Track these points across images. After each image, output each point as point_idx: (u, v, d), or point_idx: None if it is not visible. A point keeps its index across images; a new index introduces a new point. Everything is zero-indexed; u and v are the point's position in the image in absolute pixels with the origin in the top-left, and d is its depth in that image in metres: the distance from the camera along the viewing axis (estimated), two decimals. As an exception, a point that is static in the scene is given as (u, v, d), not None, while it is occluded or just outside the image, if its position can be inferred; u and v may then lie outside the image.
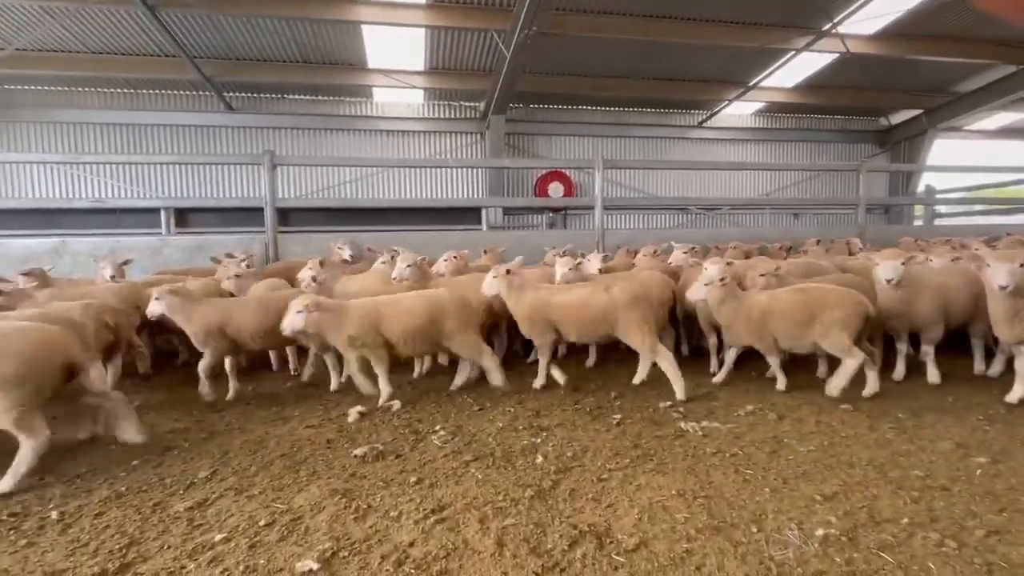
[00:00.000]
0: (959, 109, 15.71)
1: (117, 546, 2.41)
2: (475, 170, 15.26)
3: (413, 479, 2.98)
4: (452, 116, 15.23)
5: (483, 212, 10.69)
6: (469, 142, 15.24)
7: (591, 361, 5.52)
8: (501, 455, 3.28)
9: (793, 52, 11.99)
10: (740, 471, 2.98)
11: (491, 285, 4.72)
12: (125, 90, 13.50)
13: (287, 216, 10.25)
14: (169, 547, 2.40)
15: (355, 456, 3.31)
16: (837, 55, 12.09)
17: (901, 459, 3.11)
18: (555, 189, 14.86)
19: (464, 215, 11.00)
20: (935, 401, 4.12)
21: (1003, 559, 2.14)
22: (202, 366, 4.49)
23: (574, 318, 4.53)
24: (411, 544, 2.36)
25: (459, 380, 4.74)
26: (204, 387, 4.51)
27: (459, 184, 15.36)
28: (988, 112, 16.51)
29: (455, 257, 5.79)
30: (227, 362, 4.66)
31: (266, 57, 11.73)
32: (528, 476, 2.98)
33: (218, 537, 2.45)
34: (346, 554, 2.30)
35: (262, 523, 2.56)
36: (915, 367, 4.93)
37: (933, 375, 4.53)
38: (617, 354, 5.63)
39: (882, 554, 2.19)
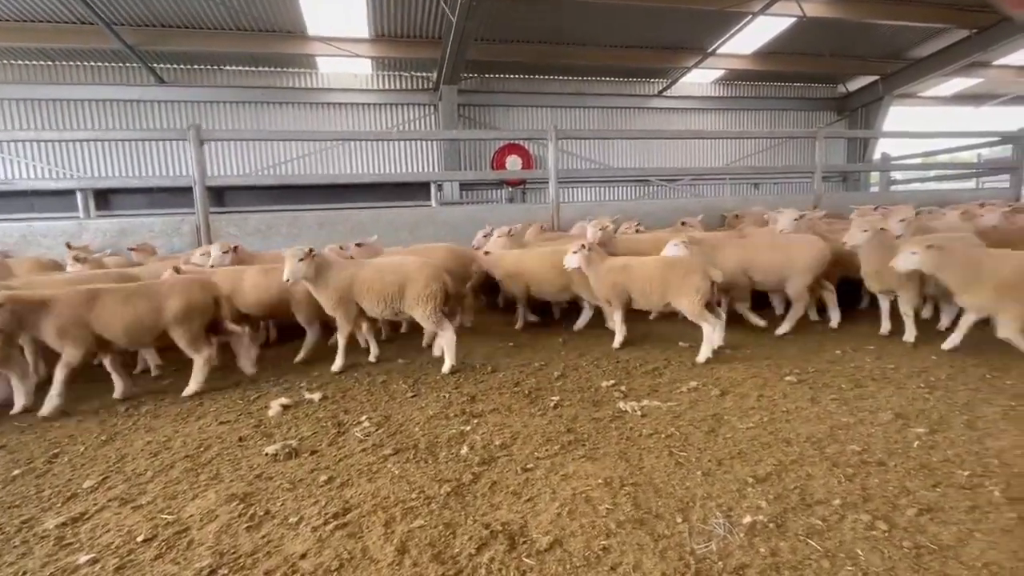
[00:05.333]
0: (914, 75, 15.83)
1: (-38, 576, 2.10)
2: (429, 144, 14.70)
3: (324, 478, 2.73)
4: (403, 87, 14.57)
5: (432, 187, 10.27)
6: (421, 114, 14.62)
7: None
8: (425, 447, 3.05)
9: (750, 16, 11.77)
10: (674, 454, 2.82)
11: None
12: (41, 62, 12.39)
13: (222, 196, 9.64)
14: (25, 573, 2.11)
15: (266, 455, 3.03)
16: (794, 19, 11.92)
17: (840, 433, 2.99)
18: (513, 162, 14.45)
19: (416, 191, 10.55)
20: (878, 369, 4.05)
21: (933, 540, 2.02)
22: None
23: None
24: (303, 556, 2.11)
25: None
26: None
27: (413, 158, 14.77)
28: (942, 78, 16.70)
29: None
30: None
31: (195, 24, 10.86)
32: (449, 469, 2.76)
33: (84, 559, 2.16)
34: (226, 572, 2.04)
35: (140, 539, 2.28)
36: (862, 335, 4.89)
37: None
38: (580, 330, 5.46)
39: (810, 541, 2.04)
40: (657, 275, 4.59)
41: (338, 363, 4.54)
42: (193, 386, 4.12)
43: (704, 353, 4.37)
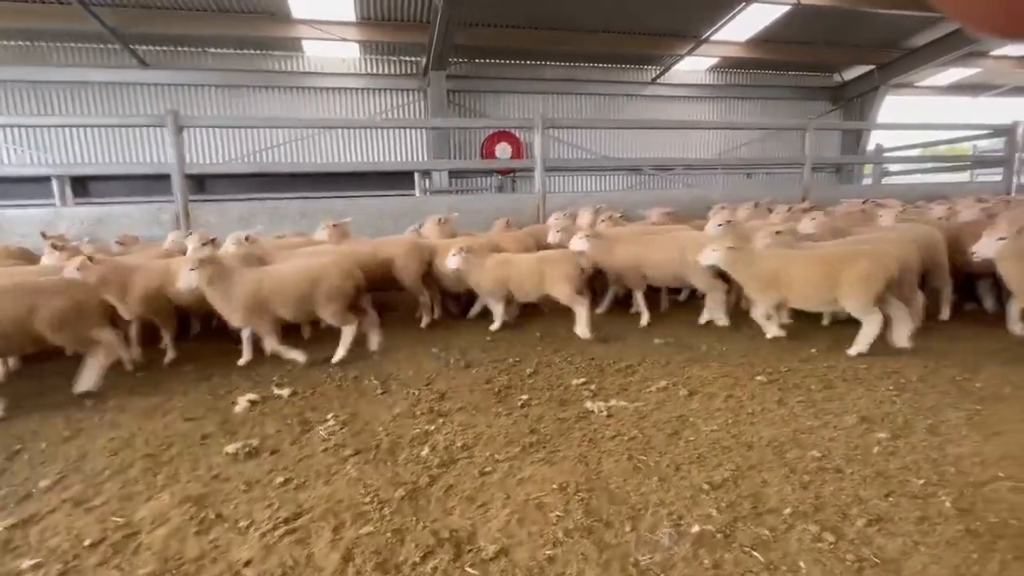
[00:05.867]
0: (910, 65, 15.68)
1: (-98, 581, 2.08)
2: (418, 131, 14.51)
3: (280, 480, 2.71)
4: (391, 72, 14.32)
5: (417, 176, 10.14)
6: (410, 100, 14.40)
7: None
8: (387, 447, 3.03)
9: (744, 2, 11.59)
10: (634, 457, 2.81)
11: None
12: (18, 42, 12.04)
13: (203, 183, 9.51)
14: (-34, 579, 2.09)
15: (226, 454, 3.01)
16: (789, 6, 11.75)
17: (802, 437, 2.99)
18: (503, 150, 14.29)
19: (405, 179, 10.42)
20: (851, 369, 4.04)
21: (877, 552, 2.02)
22: None
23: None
24: (247, 563, 2.10)
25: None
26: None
27: (401, 146, 14.57)
28: (939, 68, 16.54)
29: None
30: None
31: (177, 5, 10.62)
32: (407, 472, 2.75)
33: (27, 563, 2.14)
34: (167, 579, 2.03)
35: (87, 543, 2.26)
36: (839, 332, 4.87)
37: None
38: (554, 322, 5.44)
39: (754, 552, 2.03)
40: (533, 269, 5.06)
41: (294, 356, 4.44)
42: (86, 384, 3.93)
43: (582, 331, 4.93)
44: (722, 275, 4.98)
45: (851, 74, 17.59)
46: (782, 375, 3.96)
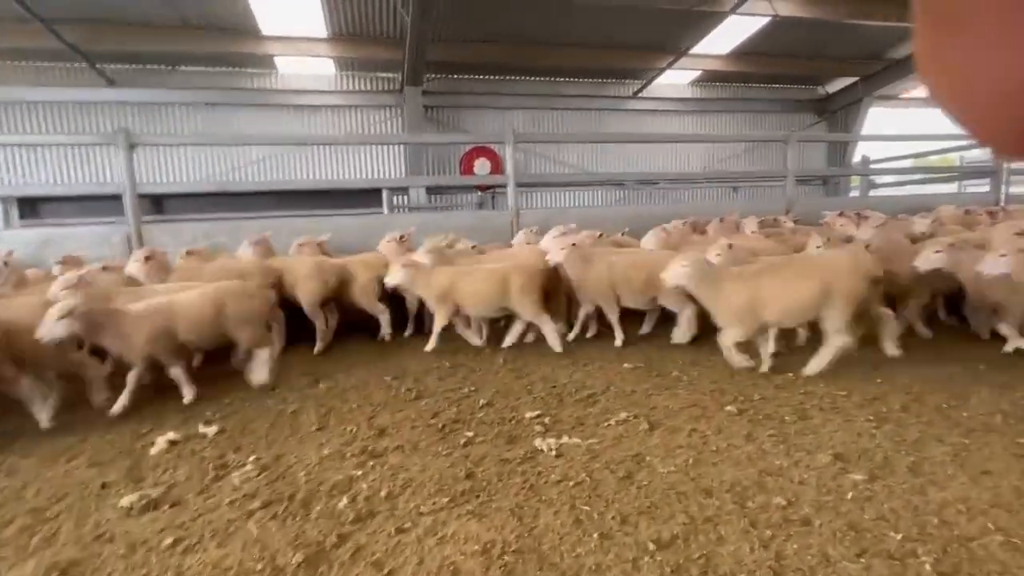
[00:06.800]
0: (894, 76, 15.63)
1: None
2: (395, 147, 14.27)
3: (169, 541, 2.35)
4: (367, 89, 14.13)
5: (385, 193, 9.87)
6: (386, 116, 14.17)
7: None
8: (302, 498, 2.68)
9: (723, 14, 11.48)
10: (577, 507, 2.47)
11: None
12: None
13: (162, 204, 9.20)
14: None
15: (120, 508, 2.66)
16: (768, 18, 11.65)
17: (768, 480, 2.66)
18: (481, 165, 14.02)
19: (375, 197, 10.12)
20: (828, 396, 3.73)
21: (844, 636, 1.68)
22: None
23: None
24: (91, 657, 1.75)
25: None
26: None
27: (377, 162, 14.31)
28: (922, 80, 16.48)
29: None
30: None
31: (135, 21, 10.33)
32: (315, 529, 2.40)
33: None
34: None
35: (-87, 630, 1.90)
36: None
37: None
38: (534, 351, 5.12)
39: (697, 638, 1.69)
40: (206, 308, 4.09)
41: None
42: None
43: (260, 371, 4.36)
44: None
45: (835, 86, 17.55)
46: (754, 404, 3.64)
